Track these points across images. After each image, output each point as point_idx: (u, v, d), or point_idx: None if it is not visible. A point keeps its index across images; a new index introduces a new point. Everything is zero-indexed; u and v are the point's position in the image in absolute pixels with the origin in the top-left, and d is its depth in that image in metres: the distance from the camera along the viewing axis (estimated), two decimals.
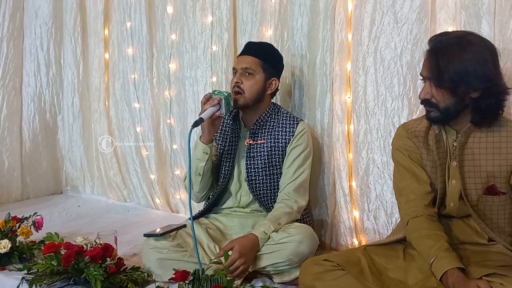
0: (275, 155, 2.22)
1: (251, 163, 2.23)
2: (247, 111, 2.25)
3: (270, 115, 2.26)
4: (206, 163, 2.17)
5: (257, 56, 2.21)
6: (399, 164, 1.80)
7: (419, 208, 1.69)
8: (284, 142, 2.21)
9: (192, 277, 1.76)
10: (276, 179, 2.23)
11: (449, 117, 1.67)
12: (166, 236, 2.07)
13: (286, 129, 2.23)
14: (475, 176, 1.68)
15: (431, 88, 1.66)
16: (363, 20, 2.28)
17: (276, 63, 2.28)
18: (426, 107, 1.71)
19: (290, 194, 2.16)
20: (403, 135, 1.81)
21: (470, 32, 1.73)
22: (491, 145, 1.66)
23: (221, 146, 2.28)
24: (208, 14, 2.85)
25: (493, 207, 1.68)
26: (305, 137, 2.22)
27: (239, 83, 2.17)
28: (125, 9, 3.25)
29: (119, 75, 3.34)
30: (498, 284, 1.42)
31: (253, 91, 2.18)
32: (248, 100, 2.18)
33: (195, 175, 2.20)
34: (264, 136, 2.23)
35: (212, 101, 2.06)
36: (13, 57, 3.51)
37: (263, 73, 2.20)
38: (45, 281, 1.94)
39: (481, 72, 1.57)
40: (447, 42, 1.62)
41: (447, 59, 1.59)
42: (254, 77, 2.18)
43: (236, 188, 2.29)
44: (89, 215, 3.20)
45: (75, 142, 3.71)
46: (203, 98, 2.10)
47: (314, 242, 2.02)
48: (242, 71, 2.18)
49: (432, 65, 1.63)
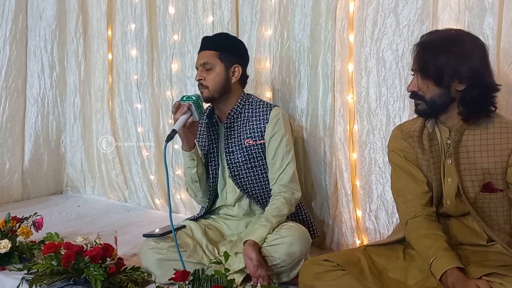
0: (254, 146, 2.17)
1: (231, 158, 2.19)
2: (219, 105, 2.22)
3: (243, 106, 2.22)
4: (197, 168, 2.17)
5: (212, 49, 2.18)
6: (396, 165, 1.81)
7: (417, 208, 1.69)
8: (259, 131, 2.16)
9: (192, 277, 1.76)
10: (260, 171, 2.19)
11: (435, 110, 1.68)
12: (165, 236, 2.07)
13: (260, 117, 2.18)
14: (471, 173, 1.68)
15: (418, 80, 1.67)
16: (365, 22, 2.28)
17: (235, 51, 2.23)
18: (414, 100, 1.72)
19: (287, 185, 2.12)
20: (398, 137, 1.81)
21: (465, 31, 1.75)
22: (485, 142, 1.66)
23: (202, 147, 2.26)
24: (209, 14, 2.86)
25: (491, 205, 1.67)
26: (281, 122, 2.16)
27: (202, 80, 2.15)
28: (128, 10, 3.26)
29: (123, 76, 3.35)
30: (498, 284, 1.42)
31: (216, 83, 2.15)
32: (213, 92, 2.15)
33: (193, 183, 2.21)
34: (240, 129, 2.19)
35: (182, 109, 2.03)
36: (16, 59, 3.54)
37: (222, 63, 2.16)
38: (45, 281, 1.94)
39: (466, 64, 1.59)
40: (437, 37, 1.67)
41: (434, 50, 1.62)
42: (214, 70, 2.15)
43: (221, 185, 2.26)
44: (89, 215, 3.21)
45: (75, 143, 3.72)
46: (172, 107, 2.08)
47: (305, 243, 1.99)
48: (202, 67, 2.16)
49: (419, 56, 1.66)
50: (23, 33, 3.56)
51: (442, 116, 1.71)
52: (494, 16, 1.95)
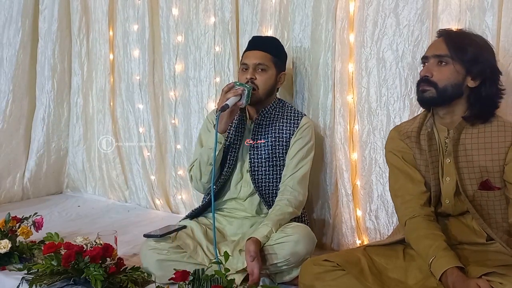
0: (279, 146, 2.21)
1: (254, 153, 2.22)
2: (257, 104, 2.24)
3: (274, 108, 2.26)
4: (218, 152, 2.15)
5: (267, 51, 2.20)
6: (393, 166, 1.82)
7: (415, 209, 1.70)
8: (288, 133, 2.21)
9: (192, 277, 1.76)
10: (279, 171, 2.22)
11: (444, 99, 1.69)
12: (166, 237, 2.06)
13: (291, 121, 2.23)
14: (469, 171, 1.68)
15: (434, 66, 1.69)
16: (365, 22, 2.28)
17: (284, 58, 2.30)
18: (422, 86, 1.71)
19: (294, 187, 2.15)
20: (396, 138, 1.82)
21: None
22: (483, 140, 1.68)
23: (226, 137, 2.26)
24: (211, 15, 2.86)
25: (489, 202, 1.68)
26: (309, 130, 2.23)
27: (253, 79, 2.16)
28: (129, 11, 3.26)
29: (124, 76, 3.35)
30: (498, 283, 1.42)
31: (267, 86, 2.18)
32: (262, 95, 2.18)
33: (206, 165, 2.18)
34: (268, 127, 2.23)
35: (235, 91, 2.05)
36: (23, 62, 3.55)
37: (275, 68, 2.20)
38: (45, 281, 1.93)
39: (491, 59, 1.68)
40: (459, 31, 1.75)
41: (467, 39, 1.69)
42: (267, 72, 2.18)
43: (237, 178, 2.27)
44: (89, 215, 3.20)
45: (77, 143, 3.72)
46: (225, 86, 2.09)
47: (311, 242, 2.00)
48: (254, 66, 2.17)
49: (452, 42, 1.68)
50: (30, 37, 3.58)
51: (442, 111, 1.73)
52: (494, 16, 1.95)
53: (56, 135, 3.72)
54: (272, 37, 2.43)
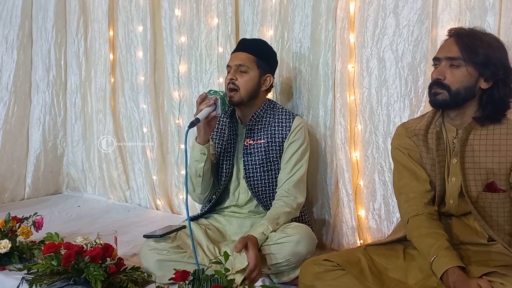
0: (272, 151, 2.21)
1: (248, 160, 2.22)
2: (242, 108, 2.24)
3: (265, 111, 2.24)
4: (205, 163, 2.16)
5: (251, 53, 2.20)
6: (399, 163, 1.80)
7: (419, 207, 1.68)
8: (281, 137, 2.20)
9: (192, 277, 1.75)
10: (274, 175, 2.22)
11: (457, 102, 1.66)
12: (166, 237, 2.06)
13: (282, 124, 2.21)
14: (475, 173, 1.67)
15: (447, 68, 1.66)
16: (365, 22, 2.28)
17: (270, 60, 2.27)
18: (435, 89, 1.68)
19: (290, 190, 2.15)
20: (403, 134, 1.81)
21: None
22: (491, 142, 1.66)
23: (219, 145, 2.27)
24: (214, 16, 2.86)
25: (492, 205, 1.67)
26: (302, 132, 2.21)
27: (234, 80, 2.16)
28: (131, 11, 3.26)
29: (127, 76, 3.35)
30: (499, 283, 1.41)
31: (248, 87, 2.17)
32: (243, 97, 2.17)
33: (196, 177, 2.20)
34: (260, 132, 2.22)
35: (208, 101, 2.04)
36: (23, 63, 3.56)
37: (258, 69, 2.19)
38: (45, 281, 1.93)
39: (504, 59, 1.65)
40: (470, 30, 1.69)
41: (478, 40, 1.64)
42: (248, 73, 2.17)
43: (234, 186, 2.28)
44: (89, 215, 3.20)
45: (76, 143, 3.72)
46: (198, 98, 2.09)
47: (312, 242, 2.01)
48: (236, 67, 2.17)
49: (464, 44, 1.64)
50: (30, 38, 3.58)
51: (453, 112, 1.71)
52: (495, 16, 1.95)
53: (52, 135, 3.72)
54: (259, 39, 2.42)
